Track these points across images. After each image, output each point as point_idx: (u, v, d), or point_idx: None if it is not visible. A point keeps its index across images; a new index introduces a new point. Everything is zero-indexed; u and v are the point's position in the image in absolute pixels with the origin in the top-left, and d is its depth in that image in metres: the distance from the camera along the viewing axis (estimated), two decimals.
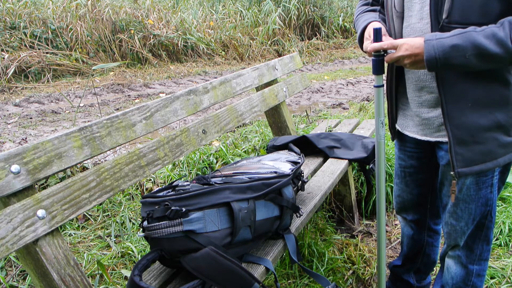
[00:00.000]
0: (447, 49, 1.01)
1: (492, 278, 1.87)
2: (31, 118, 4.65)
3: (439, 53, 1.01)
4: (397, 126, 1.41)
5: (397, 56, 1.10)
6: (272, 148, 2.09)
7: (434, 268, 1.97)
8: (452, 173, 1.17)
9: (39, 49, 6.51)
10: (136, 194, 2.44)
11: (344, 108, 4.93)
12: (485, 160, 1.14)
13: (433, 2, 1.08)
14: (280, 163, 1.57)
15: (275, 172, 1.42)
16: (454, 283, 1.40)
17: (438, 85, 1.13)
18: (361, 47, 1.31)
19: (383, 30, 1.23)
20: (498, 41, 0.97)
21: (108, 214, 2.26)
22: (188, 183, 1.26)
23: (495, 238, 2.14)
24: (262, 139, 3.04)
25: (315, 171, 2.00)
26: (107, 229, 2.14)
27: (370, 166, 2.06)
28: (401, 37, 1.21)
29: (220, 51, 8.28)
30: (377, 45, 1.14)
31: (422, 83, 1.20)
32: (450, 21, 1.06)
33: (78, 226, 2.18)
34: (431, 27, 1.10)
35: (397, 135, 1.44)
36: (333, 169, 1.97)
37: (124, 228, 2.14)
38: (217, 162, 2.68)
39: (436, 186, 1.44)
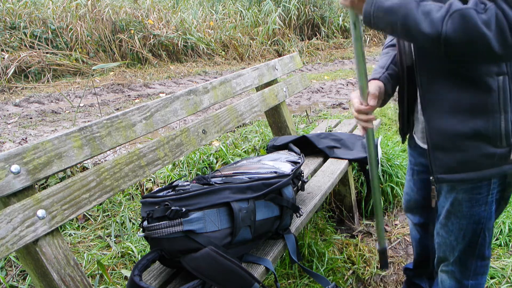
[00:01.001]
0: (381, 10, 0.96)
1: (492, 278, 1.87)
2: (31, 118, 4.65)
3: (374, 11, 0.97)
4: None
5: None
6: (272, 148, 2.09)
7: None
8: (431, 178, 1.12)
9: (39, 49, 6.51)
10: (136, 194, 2.44)
11: (344, 108, 4.93)
12: (467, 170, 1.06)
13: None
14: (280, 163, 1.57)
15: (275, 172, 1.42)
16: None
17: (418, 87, 1.10)
18: None
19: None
20: (431, 21, 0.89)
21: (108, 214, 2.26)
22: (188, 183, 1.26)
23: (495, 238, 2.14)
24: (262, 139, 3.04)
25: (315, 171, 2.00)
26: (107, 229, 2.14)
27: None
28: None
29: (220, 51, 8.28)
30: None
31: None
32: None
33: (78, 226, 2.18)
34: None
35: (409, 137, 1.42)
36: (333, 169, 1.97)
37: (124, 228, 2.14)
38: (217, 162, 2.68)
39: None
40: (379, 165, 2.41)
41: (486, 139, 1.02)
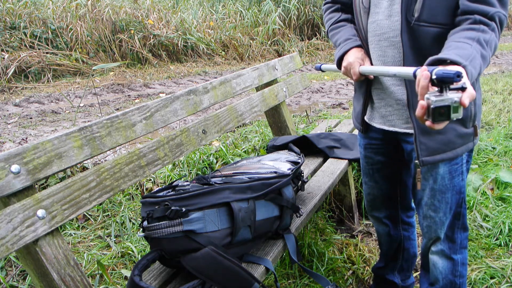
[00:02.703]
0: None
1: (492, 278, 1.87)
2: (31, 118, 4.65)
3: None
4: (366, 119, 1.43)
5: None
6: (272, 148, 2.09)
7: (416, 264, 1.98)
8: (416, 161, 1.21)
9: (39, 49, 6.51)
10: (136, 194, 2.44)
11: (344, 108, 4.94)
12: (445, 150, 1.20)
13: (405, 1, 1.11)
14: (280, 163, 1.57)
15: (275, 172, 1.42)
16: (443, 277, 1.41)
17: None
18: (339, 67, 1.35)
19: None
20: (486, 62, 1.03)
21: (108, 214, 2.27)
22: (188, 183, 1.26)
23: (495, 238, 2.14)
24: (262, 139, 3.04)
25: (315, 171, 2.00)
26: (107, 229, 2.15)
27: None
28: (367, 33, 1.26)
29: (220, 51, 8.28)
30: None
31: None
32: (419, 20, 1.10)
33: (78, 226, 2.18)
34: (401, 25, 1.13)
35: (364, 128, 1.46)
36: (333, 169, 1.97)
37: (124, 228, 2.14)
38: (217, 162, 2.69)
39: (403, 179, 1.51)
40: None
41: (461, 122, 1.17)
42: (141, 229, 1.17)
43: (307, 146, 2.15)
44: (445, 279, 1.42)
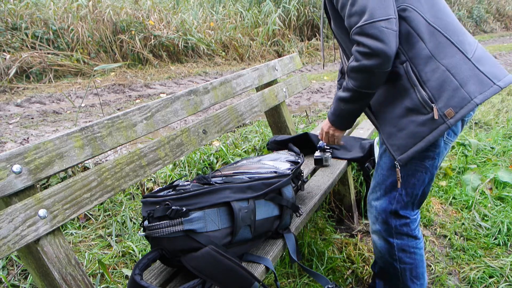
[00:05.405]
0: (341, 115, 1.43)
1: (490, 277, 1.88)
2: (32, 118, 4.67)
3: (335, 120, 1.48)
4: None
5: None
6: (273, 144, 2.09)
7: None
8: (395, 162, 1.34)
9: (40, 49, 6.53)
10: (137, 194, 2.45)
11: None
12: (415, 142, 1.26)
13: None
14: (280, 163, 1.58)
15: (275, 172, 1.43)
16: (381, 256, 1.52)
17: None
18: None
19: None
20: (345, 89, 1.31)
21: (109, 214, 2.28)
22: (189, 182, 1.27)
23: (494, 237, 2.14)
24: (262, 139, 3.05)
25: (314, 170, 2.01)
26: (108, 229, 2.15)
27: (366, 165, 2.07)
28: None
29: (221, 51, 8.29)
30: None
31: None
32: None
33: (79, 225, 2.19)
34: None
35: None
36: (333, 169, 1.98)
37: (125, 228, 2.15)
38: (217, 162, 2.70)
39: None
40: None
41: (415, 111, 1.25)
42: (142, 229, 1.18)
43: (307, 145, 2.15)
44: (383, 259, 1.52)
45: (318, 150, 2.00)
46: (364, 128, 2.62)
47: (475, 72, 1.22)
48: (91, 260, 1.89)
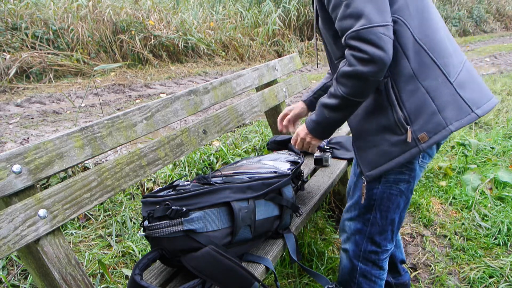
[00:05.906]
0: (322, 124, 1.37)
1: (490, 277, 1.88)
2: (32, 118, 4.67)
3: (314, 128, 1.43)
4: None
5: None
6: (274, 144, 2.09)
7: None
8: (363, 178, 1.32)
9: (40, 49, 6.53)
10: (137, 194, 2.45)
11: None
12: (386, 161, 1.24)
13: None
14: (280, 163, 1.58)
15: (275, 172, 1.43)
16: (342, 273, 1.51)
17: None
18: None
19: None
20: (332, 95, 1.21)
21: (109, 214, 2.28)
22: (189, 182, 1.27)
23: (494, 237, 2.14)
24: (262, 139, 3.05)
25: (314, 170, 2.01)
26: (108, 229, 2.15)
27: None
28: None
29: (221, 51, 8.29)
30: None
31: None
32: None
33: (79, 225, 2.19)
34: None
35: None
36: (333, 169, 1.98)
37: (125, 228, 2.15)
38: (217, 162, 2.70)
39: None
40: None
41: (389, 130, 1.22)
42: (142, 229, 1.18)
43: None
44: (343, 277, 1.50)
45: (318, 150, 1.99)
46: None
47: (455, 98, 1.18)
48: (91, 260, 1.89)
